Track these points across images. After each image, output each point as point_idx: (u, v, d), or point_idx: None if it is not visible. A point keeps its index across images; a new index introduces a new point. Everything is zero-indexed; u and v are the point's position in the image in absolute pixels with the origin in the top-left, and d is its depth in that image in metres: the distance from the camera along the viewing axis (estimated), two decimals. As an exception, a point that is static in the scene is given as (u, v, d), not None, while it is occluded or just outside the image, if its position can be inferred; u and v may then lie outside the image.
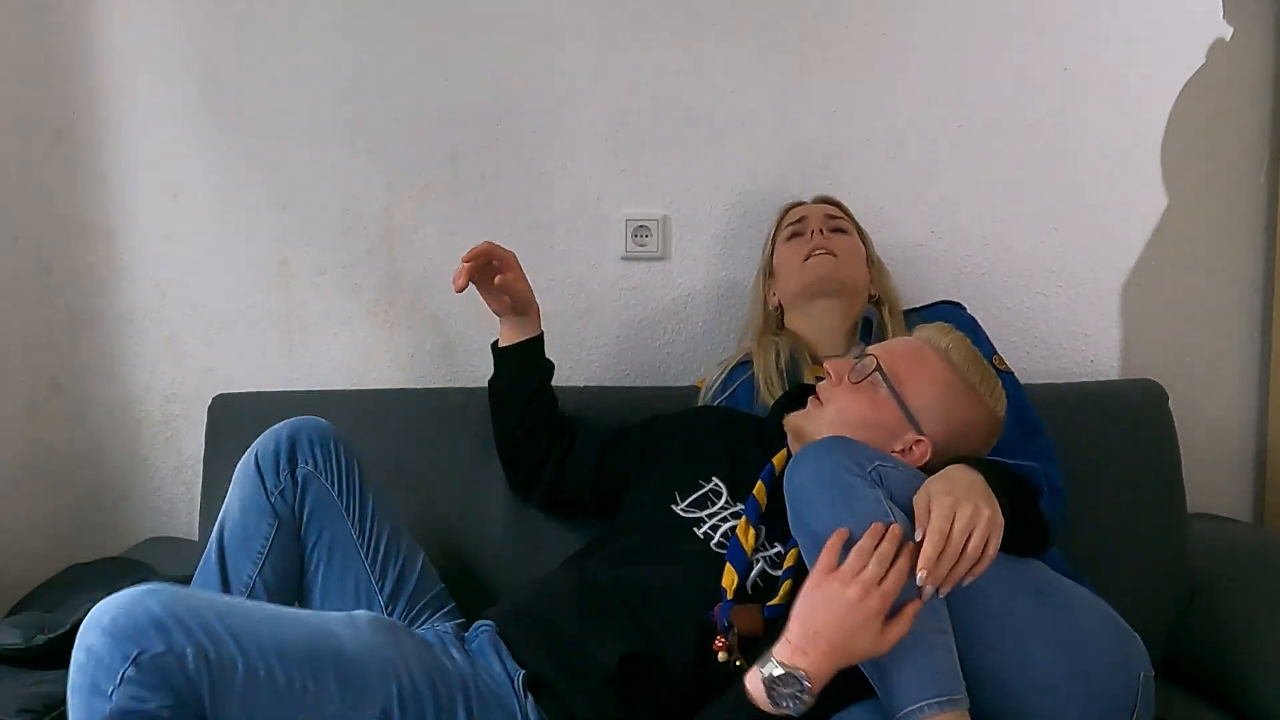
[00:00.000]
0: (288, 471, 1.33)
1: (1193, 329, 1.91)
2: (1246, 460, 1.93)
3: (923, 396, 1.25)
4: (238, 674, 1.00)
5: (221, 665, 0.99)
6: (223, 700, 0.99)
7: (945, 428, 1.25)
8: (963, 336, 1.32)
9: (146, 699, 0.95)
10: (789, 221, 1.70)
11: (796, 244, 1.65)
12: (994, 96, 1.85)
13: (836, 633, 1.02)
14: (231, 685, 0.99)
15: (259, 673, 1.01)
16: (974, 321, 1.64)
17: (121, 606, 0.98)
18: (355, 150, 1.84)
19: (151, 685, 0.95)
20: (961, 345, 1.30)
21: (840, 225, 1.67)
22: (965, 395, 1.27)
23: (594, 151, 1.85)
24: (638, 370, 1.89)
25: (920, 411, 1.25)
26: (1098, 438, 1.64)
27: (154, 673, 0.95)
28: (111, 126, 1.81)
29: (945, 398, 1.26)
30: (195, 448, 1.76)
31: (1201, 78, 1.86)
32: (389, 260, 1.86)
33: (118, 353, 1.85)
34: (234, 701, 1.00)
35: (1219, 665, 1.48)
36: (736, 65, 1.84)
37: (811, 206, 1.72)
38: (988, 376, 1.29)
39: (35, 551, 1.80)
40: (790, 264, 1.65)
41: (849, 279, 1.62)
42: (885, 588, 1.03)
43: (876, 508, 1.09)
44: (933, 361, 1.27)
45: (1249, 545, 1.70)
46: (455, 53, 1.83)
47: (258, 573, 1.31)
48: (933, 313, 1.63)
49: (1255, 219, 1.90)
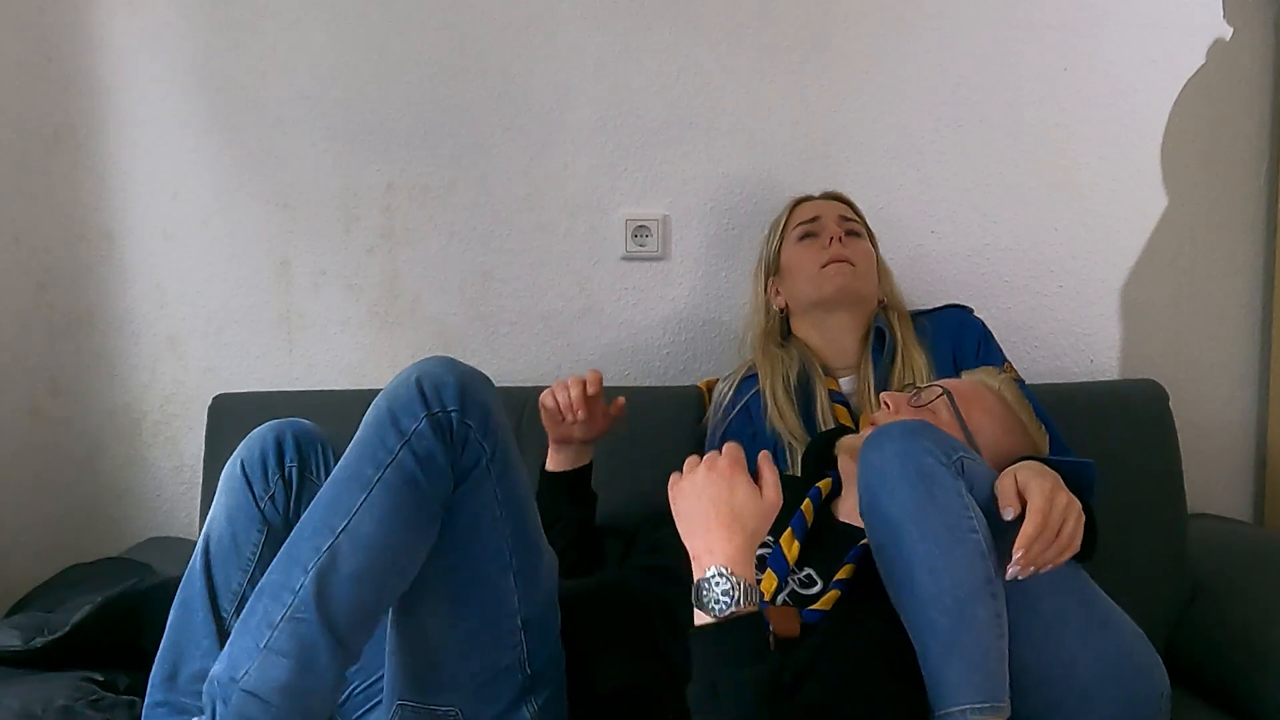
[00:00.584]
0: (277, 475, 1.24)
1: (1193, 329, 1.91)
2: (1246, 460, 1.93)
3: (980, 426, 1.28)
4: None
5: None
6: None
7: (995, 457, 1.26)
8: (1012, 380, 1.38)
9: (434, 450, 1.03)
10: (801, 219, 1.63)
11: (810, 247, 1.59)
12: (994, 96, 1.86)
13: (711, 513, 1.02)
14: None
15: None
16: (983, 326, 1.61)
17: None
18: (355, 150, 1.84)
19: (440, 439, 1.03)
20: (1012, 388, 1.35)
21: (854, 228, 1.62)
22: (1017, 429, 1.31)
23: (594, 151, 1.85)
24: (638, 370, 1.89)
25: (978, 436, 1.27)
26: (1098, 438, 1.64)
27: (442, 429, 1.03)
28: (111, 126, 1.81)
29: (999, 428, 1.29)
30: (195, 448, 1.76)
31: (1201, 78, 1.86)
32: (389, 260, 1.86)
33: (118, 353, 1.85)
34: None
35: (1219, 665, 1.48)
36: (736, 65, 1.84)
37: (823, 204, 1.65)
38: (1033, 418, 1.34)
39: (35, 551, 1.80)
40: (804, 269, 1.58)
41: (866, 289, 1.58)
42: (723, 456, 1.06)
43: (957, 502, 1.05)
44: (988, 397, 1.32)
45: (1249, 545, 1.70)
46: (455, 53, 1.83)
47: (247, 581, 1.22)
48: (941, 315, 1.61)
49: (1255, 219, 1.90)
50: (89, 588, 1.45)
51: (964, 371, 1.41)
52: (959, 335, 1.56)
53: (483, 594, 1.09)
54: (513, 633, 1.10)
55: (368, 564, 1.03)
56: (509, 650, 1.10)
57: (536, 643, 1.12)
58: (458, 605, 1.10)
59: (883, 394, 1.33)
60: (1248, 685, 1.41)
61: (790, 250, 1.62)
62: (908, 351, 1.53)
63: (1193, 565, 1.62)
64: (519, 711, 1.12)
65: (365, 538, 1.03)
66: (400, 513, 1.04)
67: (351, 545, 1.03)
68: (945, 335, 1.56)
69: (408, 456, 1.04)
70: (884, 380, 1.51)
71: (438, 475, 1.05)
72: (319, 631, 1.00)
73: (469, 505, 1.08)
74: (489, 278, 1.87)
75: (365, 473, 1.05)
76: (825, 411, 1.50)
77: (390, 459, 1.04)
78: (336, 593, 1.01)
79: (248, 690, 1.00)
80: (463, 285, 1.87)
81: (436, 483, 1.05)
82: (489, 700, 1.10)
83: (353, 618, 1.02)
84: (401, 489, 1.04)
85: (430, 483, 1.05)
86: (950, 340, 1.55)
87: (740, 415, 1.56)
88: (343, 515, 1.04)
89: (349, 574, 1.02)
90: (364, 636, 1.05)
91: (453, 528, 1.08)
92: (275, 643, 1.00)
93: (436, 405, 1.06)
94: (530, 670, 1.11)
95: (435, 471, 1.05)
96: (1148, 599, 1.55)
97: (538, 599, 1.13)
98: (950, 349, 1.54)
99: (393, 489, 1.04)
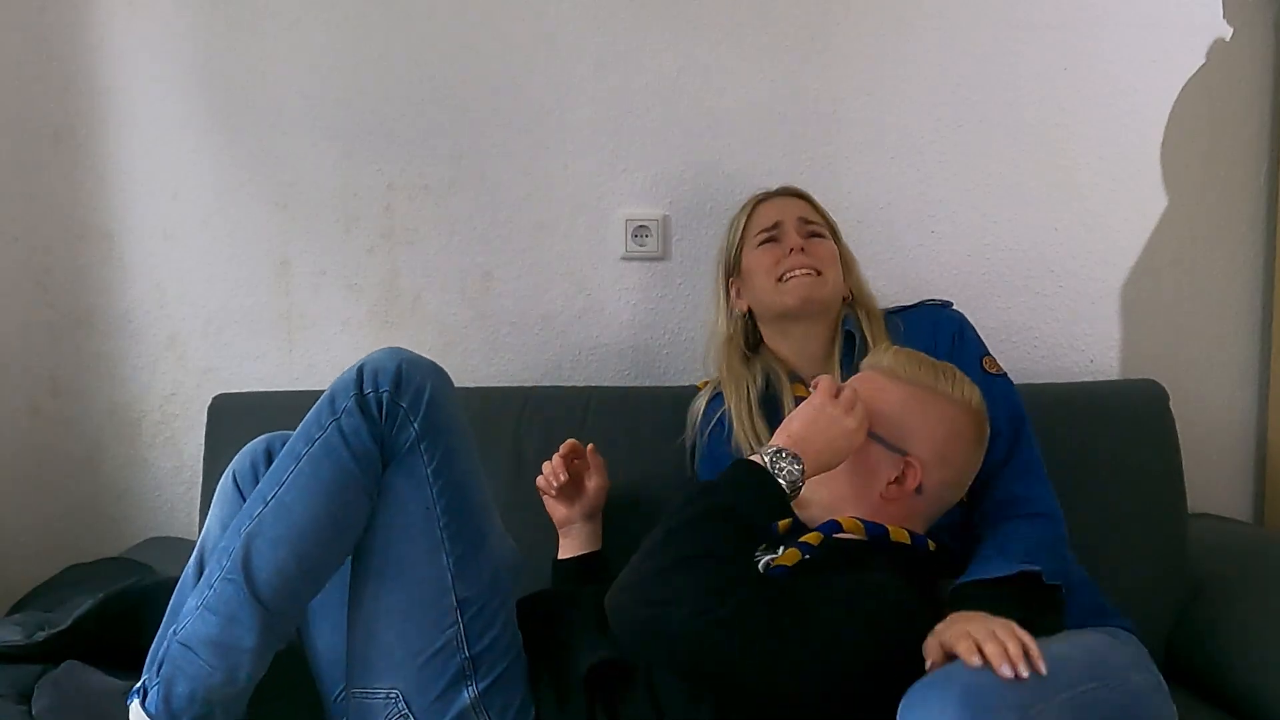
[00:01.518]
0: None
1: (1193, 329, 1.91)
2: (1246, 460, 1.93)
3: (891, 420, 1.25)
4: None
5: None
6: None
7: (928, 440, 1.25)
8: (901, 349, 1.33)
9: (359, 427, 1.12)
10: (760, 226, 1.56)
11: (770, 252, 1.53)
12: (994, 96, 1.86)
13: (823, 440, 1.17)
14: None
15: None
16: (961, 319, 1.54)
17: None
18: (355, 150, 1.84)
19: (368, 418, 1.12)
20: (902, 356, 1.30)
21: (816, 229, 1.55)
22: (930, 400, 1.27)
23: (594, 151, 1.85)
24: (638, 370, 1.89)
25: (896, 435, 1.25)
26: (1098, 438, 1.64)
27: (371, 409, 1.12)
28: (111, 126, 1.81)
29: (913, 412, 1.26)
30: (195, 448, 1.76)
31: (1201, 78, 1.86)
32: (389, 260, 1.86)
33: (118, 353, 1.85)
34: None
35: (1219, 665, 1.48)
36: (736, 65, 1.84)
37: (783, 205, 1.58)
38: (944, 372, 1.29)
39: (35, 551, 1.80)
40: (765, 278, 1.52)
41: (831, 296, 1.52)
42: (860, 410, 1.21)
43: None
44: (883, 384, 1.28)
45: (1249, 545, 1.70)
46: (455, 53, 1.83)
47: None
48: (916, 313, 1.55)
49: (1255, 219, 1.90)
50: (89, 588, 1.45)
51: (862, 361, 1.36)
52: (934, 332, 1.50)
53: (415, 573, 1.14)
54: (447, 612, 1.14)
55: (285, 530, 1.11)
56: (444, 630, 1.14)
57: (477, 625, 1.15)
58: (388, 581, 1.15)
59: (814, 379, 1.28)
60: (1248, 685, 1.41)
61: (751, 255, 1.56)
62: None
63: (1193, 565, 1.62)
64: (459, 694, 1.14)
65: (286, 505, 1.12)
66: (320, 483, 1.12)
67: (274, 513, 1.12)
68: (920, 333, 1.50)
69: (335, 432, 1.12)
70: None
71: (363, 450, 1.12)
72: (244, 592, 1.10)
73: (399, 484, 1.15)
74: (489, 278, 1.87)
75: (298, 448, 1.14)
76: None
77: (320, 434, 1.13)
78: (258, 558, 1.11)
79: (181, 641, 1.11)
80: (463, 285, 1.87)
81: (361, 458, 1.12)
82: (427, 682, 1.13)
83: (272, 579, 1.11)
84: (323, 460, 1.12)
85: (355, 458, 1.12)
86: (926, 338, 1.49)
87: (715, 431, 1.54)
88: (273, 485, 1.13)
89: (270, 538, 1.11)
90: (287, 602, 1.13)
91: (384, 505, 1.15)
92: (209, 601, 1.11)
93: (369, 387, 1.13)
94: (469, 653, 1.15)
95: (360, 446, 1.12)
96: (1148, 599, 1.56)
97: (476, 580, 1.16)
98: (926, 347, 1.51)
99: (316, 461, 1.12)
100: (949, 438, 1.27)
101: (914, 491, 1.25)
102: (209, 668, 1.09)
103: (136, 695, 1.12)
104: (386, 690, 1.14)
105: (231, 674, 1.10)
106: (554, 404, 1.70)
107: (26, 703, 1.17)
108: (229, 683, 1.10)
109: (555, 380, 1.86)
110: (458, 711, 1.14)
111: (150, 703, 1.09)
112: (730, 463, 1.17)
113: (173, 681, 1.09)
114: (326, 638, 1.29)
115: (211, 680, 1.09)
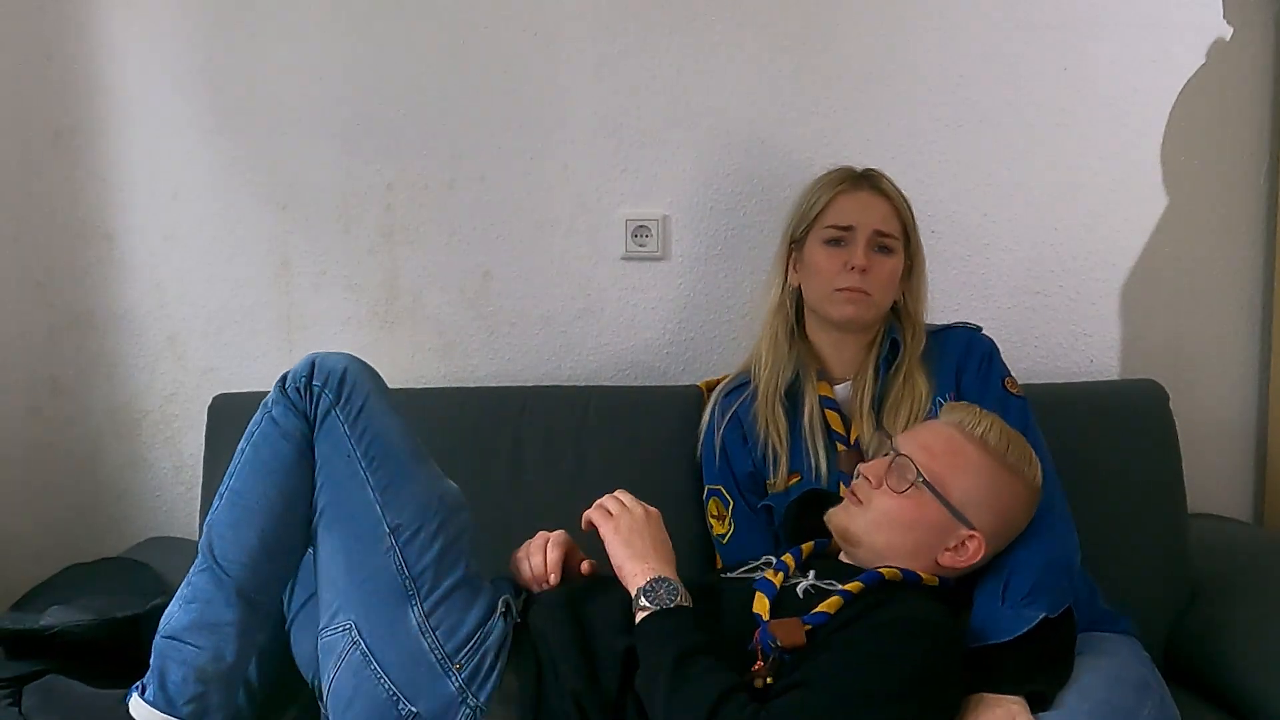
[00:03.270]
0: None
1: (1193, 329, 1.91)
2: (1246, 460, 1.93)
3: (967, 491, 1.23)
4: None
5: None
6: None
7: (993, 516, 1.24)
8: (993, 416, 1.29)
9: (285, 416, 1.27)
10: (834, 221, 1.51)
11: (835, 257, 1.49)
12: (994, 96, 1.86)
13: (645, 542, 1.25)
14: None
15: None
16: (992, 344, 1.55)
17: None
18: (355, 150, 1.84)
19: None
20: (995, 427, 1.27)
21: (887, 243, 1.51)
22: (1007, 479, 1.25)
23: (594, 151, 1.85)
24: (638, 370, 1.89)
25: (967, 507, 1.23)
26: (1098, 438, 1.64)
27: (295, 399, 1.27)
28: (111, 126, 1.81)
29: (989, 487, 1.24)
30: (195, 448, 1.76)
31: (1201, 78, 1.86)
32: (389, 260, 1.86)
33: (118, 353, 1.85)
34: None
35: (1219, 665, 1.48)
36: (736, 65, 1.84)
37: (864, 208, 1.51)
38: (1023, 451, 1.27)
39: (35, 551, 1.80)
40: (821, 279, 1.51)
41: (875, 317, 1.53)
42: (624, 493, 1.32)
43: None
44: (969, 452, 1.25)
45: (1249, 545, 1.70)
46: (455, 53, 1.83)
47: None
48: (949, 335, 1.55)
49: (1255, 219, 1.90)
50: (89, 588, 1.45)
51: (943, 408, 1.35)
52: (964, 356, 1.52)
53: (349, 511, 1.26)
54: (382, 538, 1.24)
55: (242, 513, 1.25)
56: (382, 554, 1.24)
57: (413, 548, 1.24)
58: (330, 526, 1.27)
59: (860, 465, 1.30)
60: (1248, 685, 1.41)
61: (815, 247, 1.53)
62: (911, 373, 1.50)
63: (1193, 565, 1.62)
64: (405, 614, 1.22)
65: (238, 492, 1.26)
66: (262, 464, 1.26)
67: (229, 501, 1.26)
68: (951, 356, 1.52)
69: (268, 423, 1.28)
70: (883, 394, 1.50)
71: (292, 427, 1.27)
72: (215, 574, 1.22)
73: (323, 444, 1.28)
74: (489, 277, 1.87)
75: (241, 446, 1.29)
76: (814, 418, 1.50)
77: (256, 428, 1.28)
78: (222, 543, 1.24)
79: (167, 636, 1.21)
80: (463, 285, 1.87)
81: (292, 435, 1.27)
82: (376, 607, 1.23)
83: (240, 558, 1.23)
84: (261, 446, 1.27)
85: (286, 437, 1.27)
86: (955, 362, 1.52)
87: (731, 423, 1.55)
88: (225, 480, 1.28)
89: (229, 523, 1.25)
90: (259, 578, 1.24)
91: (318, 467, 1.29)
92: (185, 595, 1.23)
93: (291, 382, 1.28)
94: (409, 573, 1.24)
95: (289, 424, 1.27)
96: (1148, 599, 1.56)
97: (405, 508, 1.26)
98: (954, 369, 1.52)
99: (256, 448, 1.27)
100: (1014, 517, 1.26)
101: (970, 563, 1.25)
102: (195, 649, 1.19)
103: (135, 691, 1.19)
104: (344, 625, 1.22)
105: (218, 651, 1.20)
106: (554, 404, 1.70)
107: (17, 704, 1.19)
108: (216, 659, 1.20)
109: (555, 380, 1.86)
110: (407, 634, 1.21)
111: (148, 693, 1.18)
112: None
113: (166, 671, 1.19)
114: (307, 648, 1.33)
115: (200, 660, 1.19)
